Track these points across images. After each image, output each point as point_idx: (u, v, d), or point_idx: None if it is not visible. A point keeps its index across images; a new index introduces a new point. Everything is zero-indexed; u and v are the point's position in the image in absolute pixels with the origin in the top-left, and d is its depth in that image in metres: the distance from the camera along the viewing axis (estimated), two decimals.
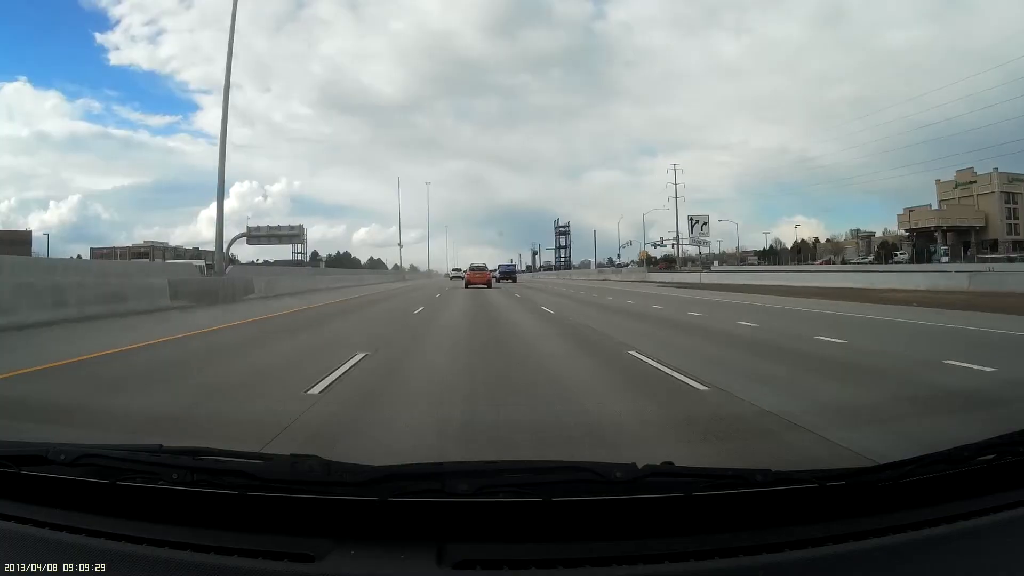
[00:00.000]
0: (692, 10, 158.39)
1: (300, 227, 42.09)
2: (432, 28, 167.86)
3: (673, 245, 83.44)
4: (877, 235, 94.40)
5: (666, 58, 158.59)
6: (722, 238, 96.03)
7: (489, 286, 36.61)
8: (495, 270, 53.18)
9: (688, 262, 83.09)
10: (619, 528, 1.20)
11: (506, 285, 41.54)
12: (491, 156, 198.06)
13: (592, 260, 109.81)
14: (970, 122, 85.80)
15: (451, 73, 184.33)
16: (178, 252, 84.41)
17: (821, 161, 65.93)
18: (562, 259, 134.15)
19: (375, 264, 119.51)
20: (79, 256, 72.04)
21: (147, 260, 67.41)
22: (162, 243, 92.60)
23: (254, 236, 41.13)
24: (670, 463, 1.32)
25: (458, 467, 1.37)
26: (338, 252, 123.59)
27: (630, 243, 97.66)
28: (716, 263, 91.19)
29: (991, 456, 1.36)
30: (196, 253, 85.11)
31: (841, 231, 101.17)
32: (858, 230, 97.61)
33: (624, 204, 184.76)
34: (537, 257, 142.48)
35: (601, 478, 1.24)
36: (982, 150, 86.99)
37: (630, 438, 3.94)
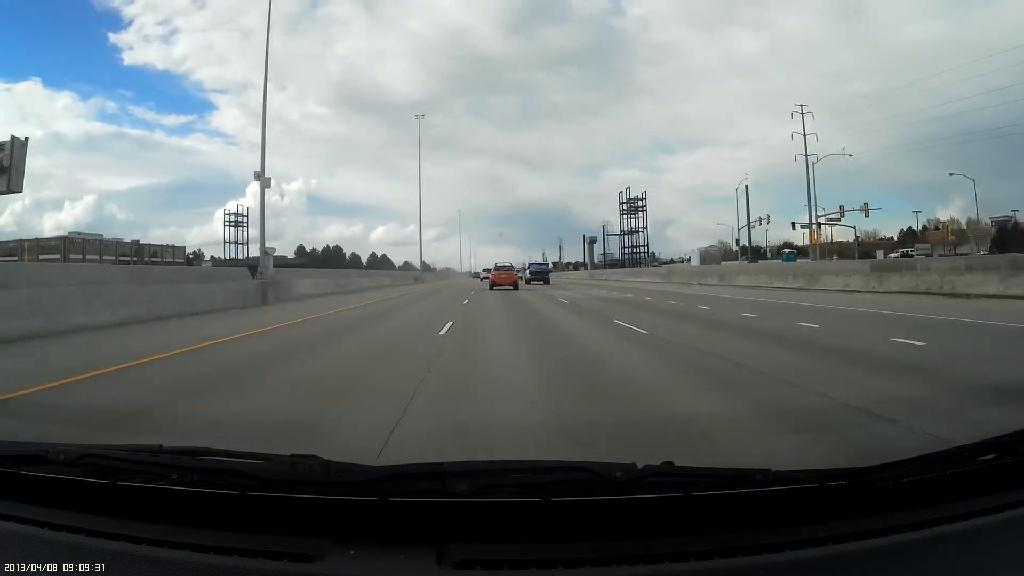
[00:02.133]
0: (710, 5, 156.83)
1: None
2: (449, 26, 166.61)
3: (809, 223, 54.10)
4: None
5: (684, 54, 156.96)
6: (725, 238, 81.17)
7: (516, 287, 33.21)
8: (524, 269, 49.91)
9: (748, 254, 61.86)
10: (619, 528, 1.19)
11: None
12: (508, 155, 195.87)
13: (747, 248, 67.60)
14: (989, 114, 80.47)
15: (468, 71, 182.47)
16: (105, 246, 69.63)
17: (840, 157, 59.21)
18: (633, 249, 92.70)
19: (379, 263, 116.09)
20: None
21: (58, 258, 56.80)
22: (95, 235, 75.11)
23: None
24: (670, 463, 1.31)
25: (458, 467, 1.34)
26: (328, 246, 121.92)
27: (767, 219, 68.66)
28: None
29: (991, 456, 1.35)
30: (135, 248, 74.67)
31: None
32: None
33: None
34: (595, 248, 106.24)
35: (601, 478, 1.24)
36: (1000, 138, 79.90)
37: None
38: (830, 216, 56.83)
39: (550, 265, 65.16)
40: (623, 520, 1.20)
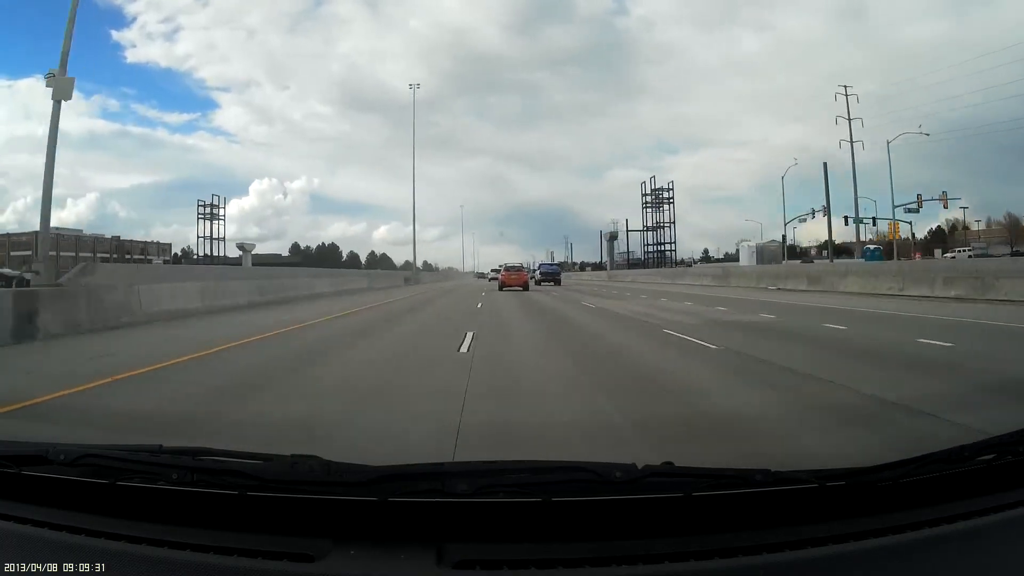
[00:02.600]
0: (711, 6, 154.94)
1: None
2: (451, 26, 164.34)
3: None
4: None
5: (685, 54, 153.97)
6: (749, 237, 75.86)
7: (526, 288, 31.84)
8: (533, 270, 48.74)
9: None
10: (619, 528, 1.19)
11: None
12: (509, 155, 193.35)
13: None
14: (991, 113, 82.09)
15: (469, 71, 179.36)
16: (82, 242, 65.58)
17: (843, 158, 56.93)
18: (658, 246, 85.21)
19: (379, 262, 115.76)
20: None
21: (29, 255, 55.43)
22: (74, 231, 70.49)
23: None
24: (670, 463, 1.31)
25: (458, 467, 1.35)
26: (323, 244, 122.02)
27: (823, 211, 54.00)
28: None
29: (991, 456, 1.35)
30: (116, 244, 73.06)
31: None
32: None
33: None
34: (614, 246, 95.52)
35: (601, 478, 1.24)
36: (1003, 132, 79.44)
37: None
38: (908, 207, 50.63)
39: (560, 267, 62.43)
40: (623, 520, 1.20)
